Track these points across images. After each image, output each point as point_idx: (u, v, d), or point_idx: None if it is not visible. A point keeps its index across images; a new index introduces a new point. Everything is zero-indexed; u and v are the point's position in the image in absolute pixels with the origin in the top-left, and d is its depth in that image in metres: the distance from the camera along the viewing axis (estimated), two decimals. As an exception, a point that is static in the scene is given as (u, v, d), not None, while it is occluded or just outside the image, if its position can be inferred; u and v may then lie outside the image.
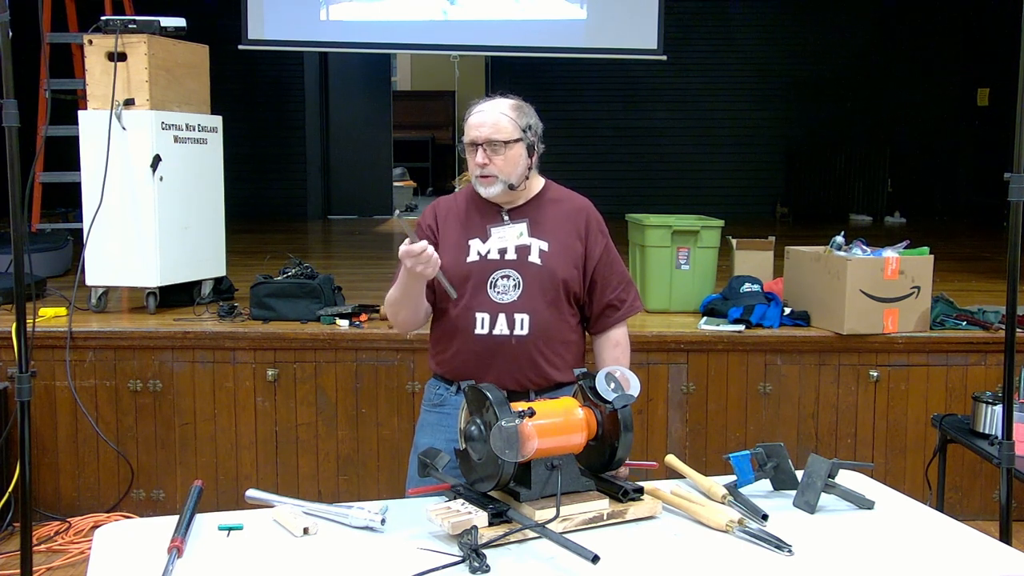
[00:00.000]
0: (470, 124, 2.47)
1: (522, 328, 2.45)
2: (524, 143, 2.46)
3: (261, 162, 9.83)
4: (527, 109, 2.51)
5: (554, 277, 2.48)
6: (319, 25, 8.03)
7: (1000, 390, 2.93)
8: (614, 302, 2.58)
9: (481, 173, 2.45)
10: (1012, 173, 2.67)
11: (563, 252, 2.50)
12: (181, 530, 1.89)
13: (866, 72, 10.18)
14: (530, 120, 2.50)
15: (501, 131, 2.43)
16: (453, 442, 2.46)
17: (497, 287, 2.46)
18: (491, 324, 2.45)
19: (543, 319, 2.47)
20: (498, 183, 2.45)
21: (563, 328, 2.52)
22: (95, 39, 4.25)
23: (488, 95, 2.54)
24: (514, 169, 2.46)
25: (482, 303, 2.46)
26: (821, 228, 7.60)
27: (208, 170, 4.61)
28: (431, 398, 2.62)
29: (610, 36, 8.07)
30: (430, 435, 2.58)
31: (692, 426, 4.16)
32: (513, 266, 2.47)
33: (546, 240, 2.50)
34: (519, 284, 2.46)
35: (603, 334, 2.61)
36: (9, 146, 2.79)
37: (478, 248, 2.49)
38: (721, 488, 2.16)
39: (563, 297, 2.50)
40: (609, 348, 2.61)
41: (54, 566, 3.68)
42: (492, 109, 2.46)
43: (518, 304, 2.45)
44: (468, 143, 2.47)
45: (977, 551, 1.94)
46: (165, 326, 4.15)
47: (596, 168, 10.20)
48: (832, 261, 4.10)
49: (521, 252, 2.48)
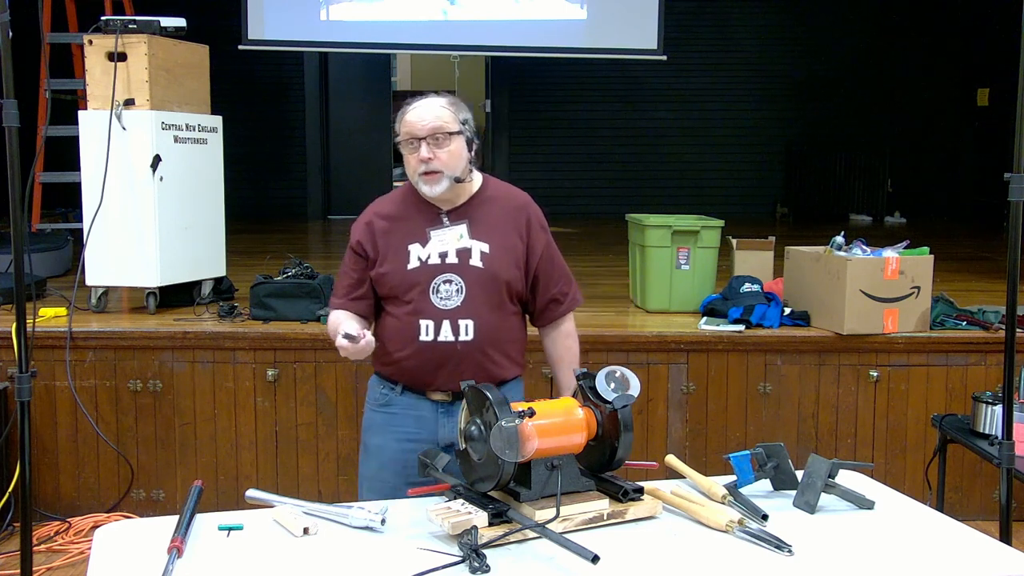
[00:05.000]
0: (409, 121, 2.42)
1: (467, 334, 2.44)
2: (464, 137, 2.44)
3: (261, 162, 9.83)
4: (462, 104, 2.49)
5: (496, 280, 2.46)
6: (319, 25, 8.04)
7: (1000, 390, 2.93)
8: (557, 296, 2.59)
9: (426, 169, 2.40)
10: (1012, 173, 2.67)
11: (504, 253, 2.48)
12: (181, 530, 1.89)
13: (866, 72, 10.18)
14: (467, 114, 2.48)
15: (444, 123, 2.41)
16: (402, 442, 2.51)
17: (440, 293, 2.43)
18: (435, 331, 2.43)
19: (487, 323, 2.45)
20: (444, 179, 2.41)
21: (507, 328, 2.52)
22: (95, 39, 4.25)
23: (423, 94, 2.48)
24: (458, 163, 2.43)
25: (426, 309, 2.44)
26: (821, 228, 7.59)
27: (208, 170, 4.61)
28: (376, 398, 2.59)
29: (610, 36, 8.07)
30: (379, 435, 2.57)
31: (692, 426, 4.16)
32: (454, 270, 2.44)
33: (487, 242, 2.47)
34: (462, 289, 2.44)
35: (551, 327, 2.63)
36: (9, 146, 2.79)
37: (418, 253, 2.46)
38: (721, 488, 2.16)
39: (506, 298, 2.49)
40: (560, 340, 2.63)
41: (54, 566, 3.68)
42: (430, 104, 2.43)
43: (462, 310, 2.43)
44: (407, 140, 2.42)
45: (977, 551, 1.94)
46: (165, 326, 4.15)
47: (596, 168, 10.20)
48: (832, 261, 4.10)
49: (462, 256, 2.45)
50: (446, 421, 2.51)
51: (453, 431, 2.47)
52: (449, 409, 2.50)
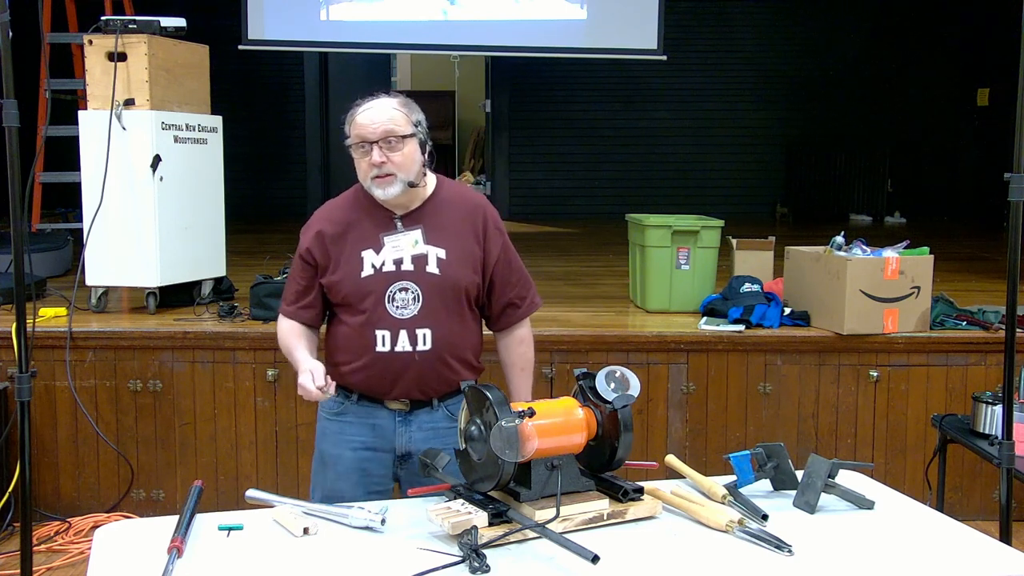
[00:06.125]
0: (360, 123, 2.34)
1: (425, 343, 2.38)
2: (417, 139, 2.38)
3: (261, 162, 9.82)
4: (414, 105, 2.42)
5: (455, 287, 2.40)
6: (319, 25, 8.03)
7: (1000, 390, 2.93)
8: (515, 300, 2.54)
9: (379, 173, 2.33)
10: (1012, 173, 2.68)
11: (461, 258, 2.42)
12: (181, 530, 1.89)
13: (866, 72, 10.17)
14: (419, 115, 2.41)
15: (397, 125, 2.34)
16: (358, 451, 2.47)
17: (396, 301, 2.37)
18: (392, 341, 2.37)
19: (446, 331, 2.40)
20: (397, 182, 2.34)
21: (466, 335, 2.46)
22: (95, 39, 4.25)
23: (371, 95, 2.41)
24: (412, 166, 2.36)
25: (381, 319, 2.37)
26: (821, 228, 7.59)
27: (208, 170, 4.61)
28: (330, 406, 2.51)
29: (610, 36, 8.06)
30: (334, 445, 2.51)
31: (692, 426, 4.16)
32: (410, 278, 2.37)
33: (443, 247, 2.40)
34: (418, 297, 2.37)
35: (507, 331, 2.57)
36: (9, 146, 2.79)
37: (372, 260, 2.39)
38: (721, 488, 2.16)
39: (465, 305, 2.44)
40: (515, 345, 2.58)
41: (54, 566, 3.68)
42: (382, 106, 2.36)
43: (419, 319, 2.37)
44: (358, 143, 2.35)
45: (977, 551, 1.94)
46: (165, 326, 4.15)
47: (596, 168, 10.20)
48: (832, 261, 4.10)
49: (418, 262, 2.38)
50: (404, 430, 2.45)
51: (411, 440, 2.45)
52: (407, 418, 2.45)
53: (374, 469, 2.48)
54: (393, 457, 2.48)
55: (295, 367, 2.38)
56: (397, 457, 2.48)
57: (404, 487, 2.48)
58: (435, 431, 2.46)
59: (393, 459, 2.49)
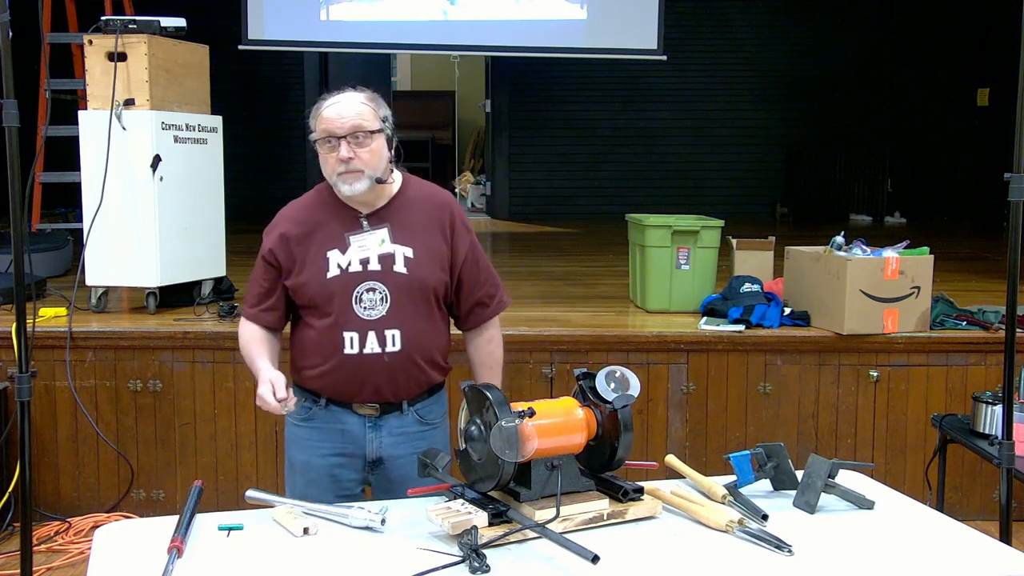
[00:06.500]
0: (327, 117, 2.30)
1: (394, 344, 2.34)
2: (384, 135, 2.35)
3: (261, 162, 9.83)
4: (381, 100, 2.38)
5: (423, 286, 2.37)
6: (319, 25, 8.03)
7: (1000, 390, 2.93)
8: (483, 299, 2.51)
9: (346, 169, 2.29)
10: (1012, 173, 2.67)
11: (429, 257, 2.38)
12: (181, 530, 1.89)
13: (866, 72, 10.17)
14: (386, 111, 2.38)
15: (366, 120, 2.30)
16: (328, 457, 2.43)
17: (363, 302, 2.33)
18: (361, 343, 2.33)
19: (415, 331, 2.36)
20: (364, 178, 2.30)
21: (435, 335, 2.44)
22: (95, 39, 4.25)
23: (337, 89, 2.37)
24: (379, 162, 2.33)
25: (349, 320, 2.32)
26: (821, 228, 7.60)
27: (208, 170, 4.61)
28: (298, 411, 2.43)
29: (610, 36, 8.06)
30: (303, 451, 2.46)
31: (692, 426, 4.16)
32: (378, 278, 2.33)
33: (410, 245, 2.36)
34: (386, 297, 2.33)
35: (476, 331, 2.55)
36: (9, 146, 2.79)
37: (338, 260, 2.34)
38: (721, 488, 2.16)
39: (433, 304, 2.40)
40: (484, 344, 2.55)
41: (54, 566, 3.68)
42: (350, 100, 2.32)
43: (387, 319, 2.33)
44: (325, 138, 2.30)
45: (977, 551, 1.94)
46: (165, 326, 4.15)
47: (596, 168, 10.20)
48: (832, 261, 4.10)
49: (385, 262, 2.34)
50: (374, 436, 2.42)
51: (381, 446, 2.43)
52: (376, 423, 2.42)
53: (344, 475, 2.45)
54: (363, 463, 2.45)
55: (255, 376, 2.34)
56: (368, 463, 2.45)
57: (375, 493, 2.46)
58: (405, 436, 2.44)
59: (363, 464, 2.45)
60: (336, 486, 2.43)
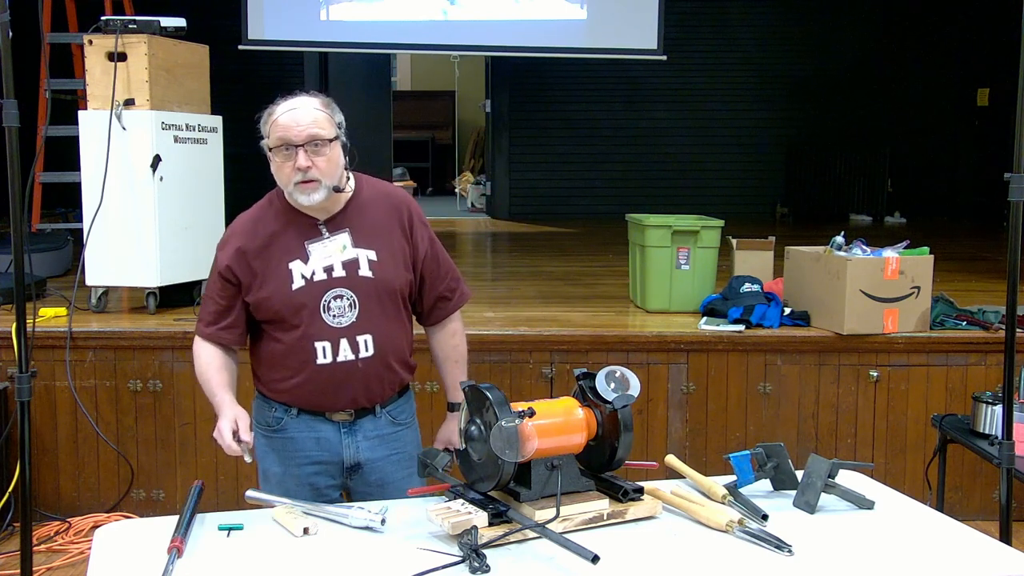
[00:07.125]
0: (284, 124, 2.23)
1: (367, 349, 2.31)
2: (340, 142, 2.30)
3: (261, 162, 9.79)
4: (335, 106, 2.33)
5: (390, 288, 2.34)
6: (319, 25, 8.03)
7: (1000, 390, 2.93)
8: (445, 293, 2.49)
9: (303, 178, 2.23)
10: (1012, 173, 2.67)
11: (392, 257, 2.35)
12: (181, 530, 1.89)
13: (866, 72, 10.18)
14: (340, 117, 2.33)
15: (322, 128, 2.25)
16: (304, 466, 2.39)
17: (332, 310, 2.28)
18: (334, 351, 2.29)
19: (386, 334, 2.34)
20: (322, 188, 2.25)
21: (404, 335, 2.41)
22: (95, 39, 4.25)
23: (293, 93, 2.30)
24: (336, 170, 2.28)
25: (320, 330, 2.28)
26: (821, 228, 7.60)
27: (208, 170, 4.61)
28: (268, 421, 2.41)
29: (610, 36, 8.06)
30: (278, 463, 2.41)
31: (692, 426, 4.16)
32: (344, 284, 2.29)
33: (372, 248, 2.33)
34: (355, 303, 2.29)
35: (439, 326, 2.53)
36: (9, 146, 2.79)
37: (301, 271, 2.29)
38: (721, 488, 2.16)
39: (400, 304, 2.38)
40: (448, 339, 2.54)
41: (54, 566, 3.68)
42: (306, 106, 2.25)
43: (358, 325, 2.30)
44: (280, 146, 2.24)
45: (977, 551, 1.94)
46: (165, 326, 4.15)
47: (596, 168, 10.20)
48: (832, 261, 4.10)
49: (349, 267, 2.30)
50: (349, 441, 2.40)
51: (358, 450, 2.41)
52: (351, 428, 2.39)
53: (321, 482, 2.42)
54: (341, 469, 2.42)
55: (215, 407, 2.28)
56: (345, 469, 2.42)
57: (354, 497, 2.44)
58: (380, 438, 2.42)
59: (341, 471, 2.43)
60: (315, 494, 2.38)
